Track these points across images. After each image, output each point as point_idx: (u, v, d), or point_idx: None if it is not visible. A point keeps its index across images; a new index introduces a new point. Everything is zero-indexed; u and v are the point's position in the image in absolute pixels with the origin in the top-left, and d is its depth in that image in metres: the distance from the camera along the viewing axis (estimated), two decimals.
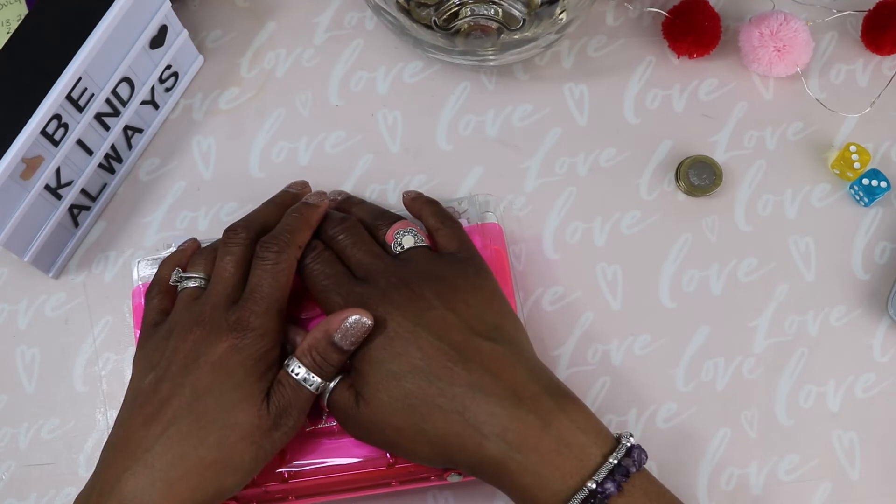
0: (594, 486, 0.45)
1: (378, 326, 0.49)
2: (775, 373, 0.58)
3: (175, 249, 0.57)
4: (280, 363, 0.50)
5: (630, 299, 0.60)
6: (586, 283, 0.60)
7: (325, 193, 0.56)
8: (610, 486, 0.45)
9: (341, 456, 0.53)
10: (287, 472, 0.53)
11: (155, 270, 0.56)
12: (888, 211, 0.61)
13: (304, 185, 0.58)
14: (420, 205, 0.57)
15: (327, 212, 0.56)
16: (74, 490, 0.57)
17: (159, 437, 0.47)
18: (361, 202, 0.58)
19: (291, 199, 0.56)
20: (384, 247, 0.53)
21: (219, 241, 0.54)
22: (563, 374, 0.58)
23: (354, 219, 0.55)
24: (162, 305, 0.54)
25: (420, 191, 0.59)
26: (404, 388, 0.48)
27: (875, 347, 0.59)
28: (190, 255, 0.56)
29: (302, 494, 0.53)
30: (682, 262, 0.60)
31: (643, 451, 0.47)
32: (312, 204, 0.54)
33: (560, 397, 0.48)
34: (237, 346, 0.48)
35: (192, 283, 0.53)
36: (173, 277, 0.54)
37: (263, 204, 0.56)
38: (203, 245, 0.57)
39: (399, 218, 0.55)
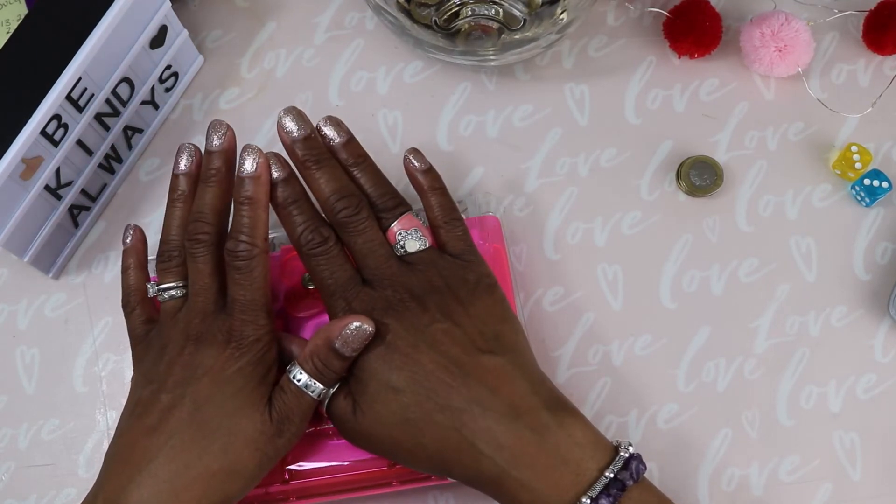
0: (588, 501, 0.45)
1: (379, 336, 0.49)
2: (776, 373, 0.58)
3: (125, 248, 0.55)
4: (278, 361, 0.50)
5: (631, 300, 0.60)
6: (587, 284, 0.60)
7: (254, 148, 0.51)
8: (605, 502, 0.45)
9: (342, 457, 0.53)
10: (288, 472, 0.53)
11: (154, 271, 0.56)
12: (889, 211, 0.61)
13: (227, 130, 0.52)
14: (428, 189, 0.54)
15: (335, 176, 0.52)
16: (74, 491, 0.57)
17: (162, 447, 0.47)
18: (363, 162, 0.54)
19: (226, 167, 0.52)
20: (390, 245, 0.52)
21: (172, 237, 0.53)
22: (563, 375, 0.58)
23: (366, 208, 0.52)
24: (146, 314, 0.53)
25: (428, 160, 0.55)
26: (402, 402, 0.47)
27: (876, 348, 0.59)
28: (143, 248, 0.55)
29: (303, 495, 0.53)
30: (683, 263, 0.60)
31: (641, 461, 0.47)
32: (251, 178, 0.50)
33: (558, 410, 0.48)
34: (234, 356, 0.48)
35: (171, 294, 0.52)
36: (151, 291, 0.53)
37: (201, 186, 0.52)
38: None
39: (404, 210, 0.52)
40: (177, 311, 0.51)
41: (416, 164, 0.55)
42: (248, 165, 0.51)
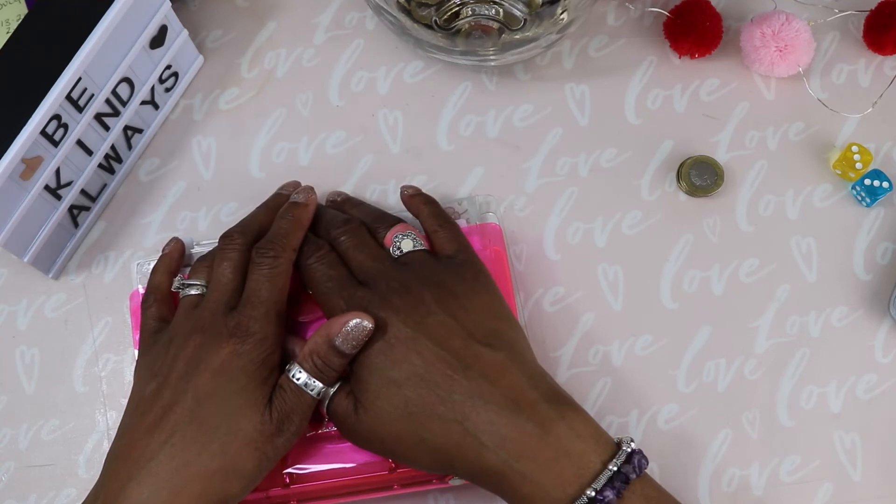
0: (593, 493, 0.45)
1: (378, 331, 0.49)
2: (777, 374, 0.58)
3: (161, 254, 0.57)
4: (281, 367, 0.50)
5: (631, 300, 0.60)
6: (587, 284, 0.60)
7: (311, 188, 0.56)
8: (609, 494, 0.45)
9: (343, 460, 0.53)
10: (289, 476, 0.53)
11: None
12: (890, 211, 0.61)
13: (296, 186, 0.58)
14: (418, 203, 0.57)
15: (330, 212, 0.56)
16: (75, 491, 0.57)
17: (163, 446, 0.47)
18: (360, 203, 0.58)
19: (285, 201, 0.56)
20: (384, 249, 0.53)
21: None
22: (563, 375, 0.58)
23: (357, 221, 0.55)
24: (160, 313, 0.54)
25: (419, 187, 0.59)
26: (404, 396, 0.48)
27: (877, 348, 0.59)
28: (178, 258, 0.57)
29: (304, 499, 0.53)
30: (684, 263, 0.60)
31: (643, 456, 0.47)
32: (301, 203, 0.55)
33: (559, 404, 0.48)
34: (238, 352, 0.48)
35: (194, 291, 0.53)
36: (175, 284, 0.55)
37: (258, 208, 0.57)
38: (192, 244, 0.58)
39: (398, 220, 0.55)
40: (193, 308, 0.52)
41: (409, 191, 0.58)
42: (301, 196, 0.55)
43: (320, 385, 0.49)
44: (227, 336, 0.49)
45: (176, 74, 0.63)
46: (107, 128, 0.59)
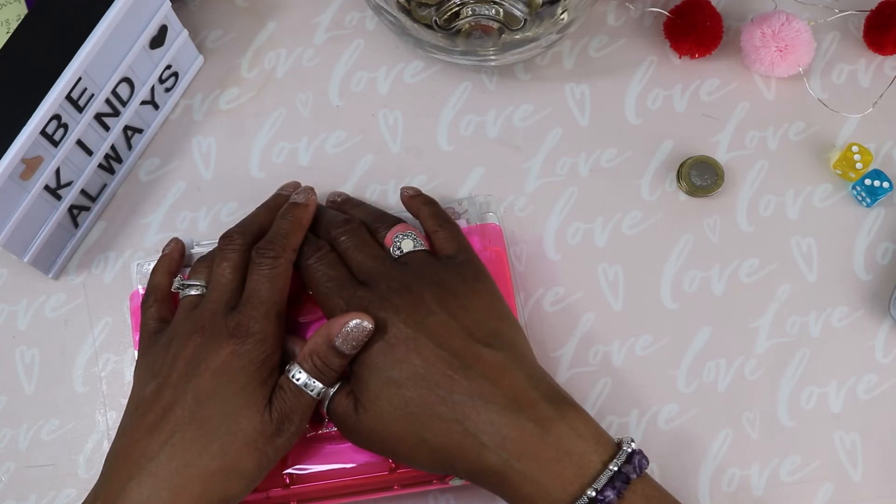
0: (594, 493, 0.45)
1: (378, 331, 0.49)
2: (777, 374, 0.58)
3: (161, 255, 0.57)
4: (281, 368, 0.50)
5: (631, 300, 0.60)
6: (587, 284, 0.60)
7: (311, 189, 0.56)
8: (610, 494, 0.45)
9: (343, 460, 0.53)
10: (289, 477, 0.53)
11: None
12: (890, 211, 0.61)
13: (296, 187, 0.58)
14: (418, 204, 0.57)
15: (330, 213, 0.56)
16: (74, 491, 0.57)
17: (163, 446, 0.47)
18: (361, 204, 0.58)
19: (285, 202, 0.56)
20: (384, 249, 0.53)
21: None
22: (563, 375, 0.58)
23: (357, 221, 0.55)
24: (160, 314, 0.54)
25: (419, 188, 0.59)
26: (405, 396, 0.48)
27: (877, 348, 0.59)
28: (178, 258, 0.57)
29: (304, 499, 0.53)
30: (684, 263, 0.60)
31: (644, 456, 0.47)
32: (301, 203, 0.55)
33: (559, 404, 0.48)
34: (238, 352, 0.48)
35: (193, 291, 0.53)
36: (175, 285, 0.55)
37: (258, 208, 0.57)
38: (192, 244, 0.58)
39: (398, 220, 0.54)
40: (193, 308, 0.52)
41: (409, 191, 0.58)
42: (301, 196, 0.55)
43: (320, 385, 0.49)
44: (227, 336, 0.49)
45: (176, 74, 0.63)
46: (107, 128, 0.59)
